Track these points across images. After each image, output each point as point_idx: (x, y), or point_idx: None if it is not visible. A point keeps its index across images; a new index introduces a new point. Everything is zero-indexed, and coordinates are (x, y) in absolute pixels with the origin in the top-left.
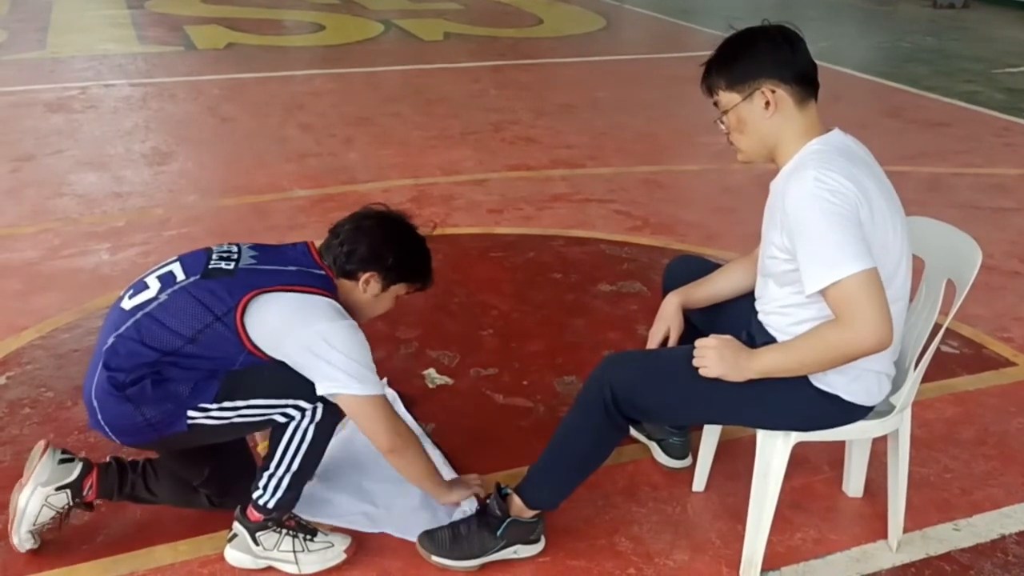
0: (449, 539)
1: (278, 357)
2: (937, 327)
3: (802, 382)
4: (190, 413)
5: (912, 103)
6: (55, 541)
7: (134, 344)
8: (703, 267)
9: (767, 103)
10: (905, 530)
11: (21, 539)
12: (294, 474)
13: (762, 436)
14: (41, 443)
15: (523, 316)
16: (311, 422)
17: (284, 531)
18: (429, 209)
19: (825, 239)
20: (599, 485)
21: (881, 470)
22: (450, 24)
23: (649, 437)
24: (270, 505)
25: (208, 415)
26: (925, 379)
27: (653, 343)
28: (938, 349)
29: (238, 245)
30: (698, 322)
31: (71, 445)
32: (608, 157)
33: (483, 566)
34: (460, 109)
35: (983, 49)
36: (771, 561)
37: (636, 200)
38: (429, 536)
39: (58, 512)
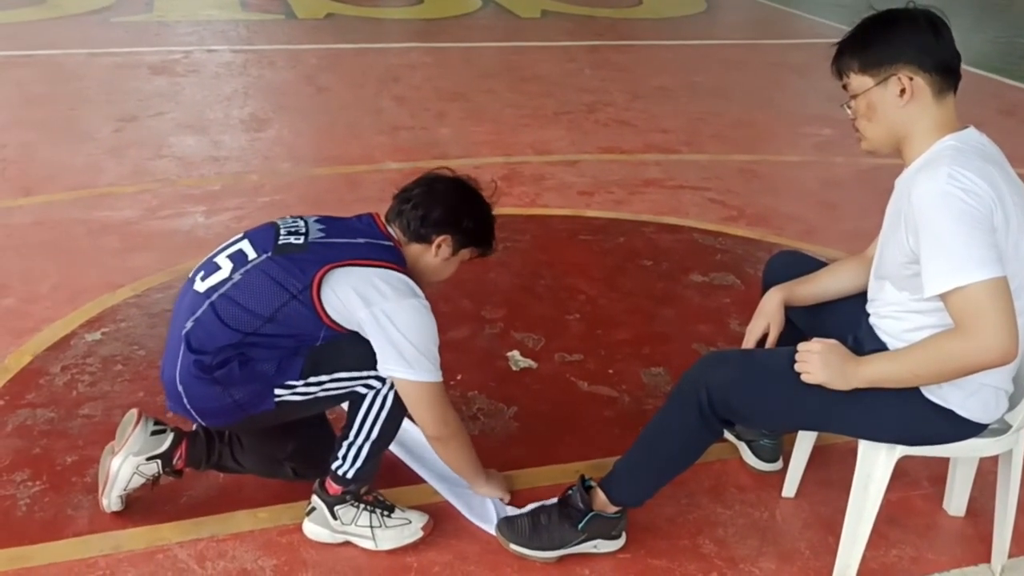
0: (529, 528)
1: (355, 329)
2: None
3: (913, 394)
4: (277, 391)
5: None
6: (140, 499)
7: (214, 327)
8: (807, 264)
9: (902, 90)
10: (1010, 555)
11: (111, 502)
12: (373, 442)
13: (864, 447)
14: (134, 412)
15: (611, 303)
16: (391, 388)
17: (362, 506)
18: (519, 188)
19: (953, 240)
20: (684, 483)
21: (986, 489)
22: (548, 2)
23: (739, 437)
24: (349, 475)
25: (294, 392)
26: None
27: (751, 340)
28: None
29: (303, 218)
30: (799, 322)
31: (159, 405)
32: (704, 143)
33: (561, 558)
34: (554, 88)
35: None
36: None
37: (732, 189)
38: (508, 523)
39: (148, 479)
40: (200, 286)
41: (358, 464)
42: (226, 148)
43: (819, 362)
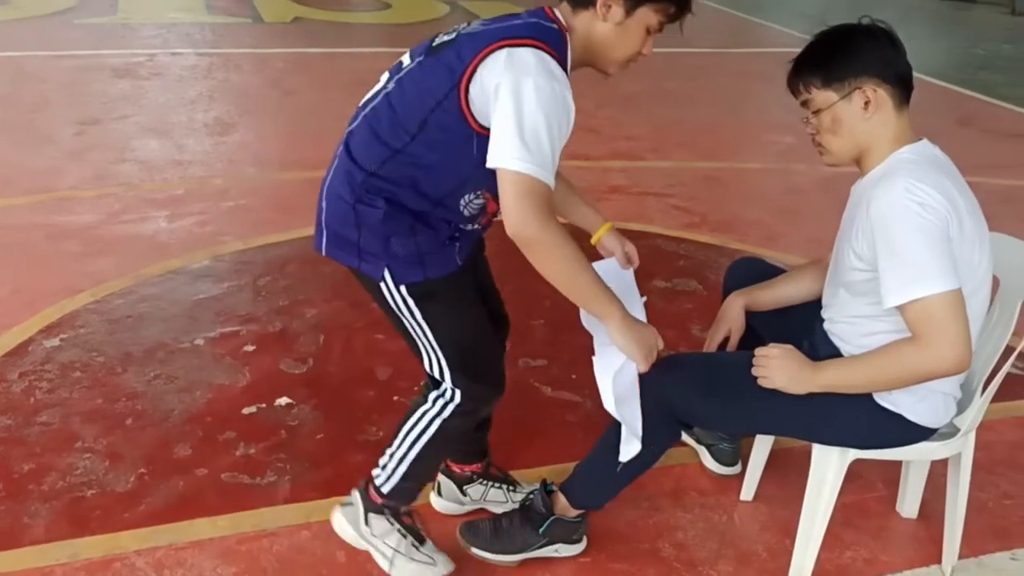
0: (491, 532)
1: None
2: (1008, 349)
3: (865, 399)
4: (386, 273)
5: (985, 112)
6: (99, 507)
7: (368, 137)
8: (767, 271)
9: (866, 103)
10: (960, 556)
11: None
12: (412, 462)
13: (817, 451)
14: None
15: (575, 307)
16: (438, 415)
17: (397, 525)
18: None
19: (911, 253)
20: (645, 487)
21: (937, 492)
22: (515, 8)
23: (699, 441)
24: (384, 489)
25: (393, 293)
26: (990, 400)
27: (712, 345)
28: (1007, 371)
29: (468, 21)
30: (758, 327)
31: (118, 412)
32: (669, 151)
33: (523, 562)
34: None
35: None
36: None
37: (696, 196)
38: (470, 527)
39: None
40: (362, 101)
41: (395, 481)
42: (190, 152)
43: (776, 367)
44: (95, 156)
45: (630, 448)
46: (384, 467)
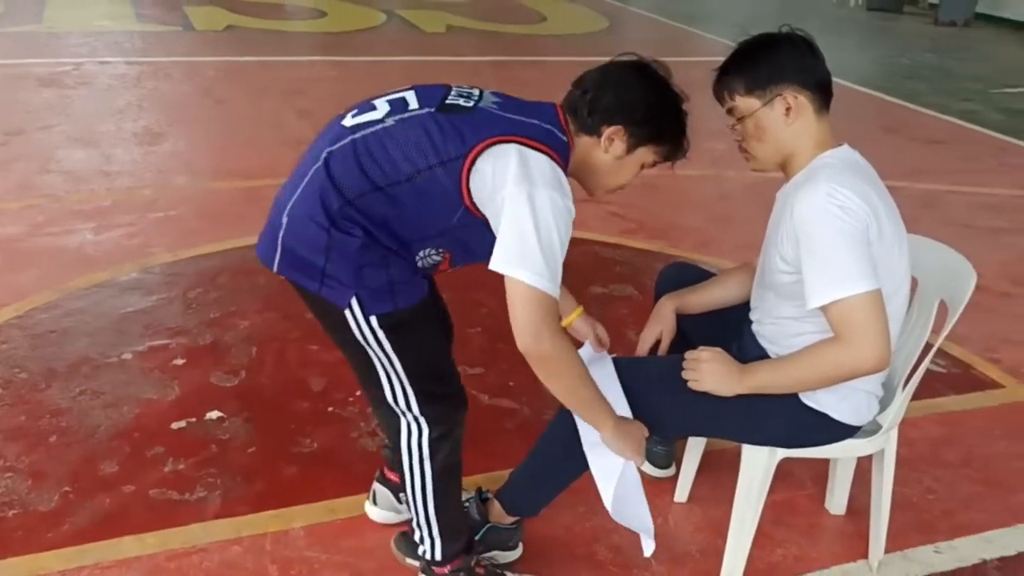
0: None
1: (490, 216)
2: (927, 347)
3: (791, 399)
4: (353, 301)
5: (910, 119)
6: (21, 527)
7: (349, 164)
8: (698, 275)
9: (788, 109)
10: (886, 551)
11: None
12: (439, 521)
13: (747, 451)
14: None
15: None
16: (421, 460)
17: None
18: None
19: (833, 255)
20: (581, 491)
21: (864, 488)
22: (453, 17)
23: None
24: (439, 557)
25: (360, 324)
26: (912, 398)
27: (644, 347)
28: (927, 369)
29: (480, 89)
30: (688, 330)
31: (42, 429)
32: None
33: None
34: None
35: (982, 68)
36: None
37: (633, 203)
38: (404, 537)
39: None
40: (349, 121)
41: (440, 545)
42: (118, 162)
43: (705, 370)
44: (19, 167)
45: (649, 544)
46: (422, 539)
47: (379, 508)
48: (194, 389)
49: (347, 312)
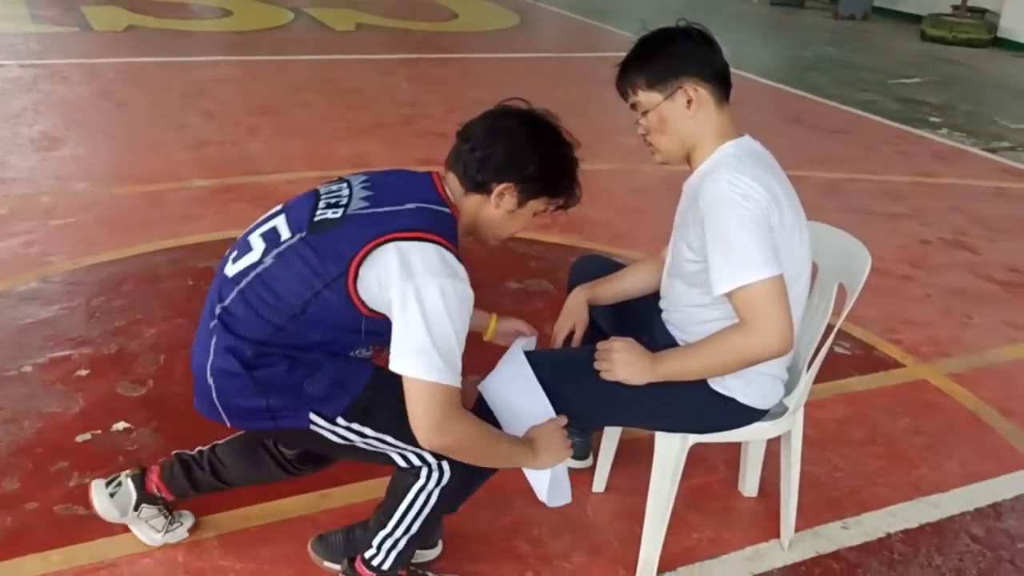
0: (343, 543)
1: (388, 315)
2: (829, 329)
3: (700, 386)
4: (312, 416)
5: (812, 110)
6: None
7: (247, 315)
8: (609, 267)
9: (689, 101)
10: (796, 529)
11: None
12: (412, 536)
13: (659, 438)
14: (90, 485)
15: None
16: (437, 485)
17: None
18: None
19: (736, 243)
20: (499, 487)
21: (776, 469)
22: (362, 15)
23: None
24: (385, 567)
25: (332, 430)
26: (818, 380)
27: (559, 339)
28: (831, 351)
29: (349, 182)
30: (601, 321)
31: None
32: None
33: None
34: (371, 101)
35: (880, 60)
36: (667, 562)
37: None
38: (322, 541)
39: (165, 515)
40: (231, 269)
41: (393, 556)
42: (13, 169)
43: (617, 360)
44: None
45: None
46: (380, 547)
47: (110, 503)
48: (99, 400)
49: (312, 428)
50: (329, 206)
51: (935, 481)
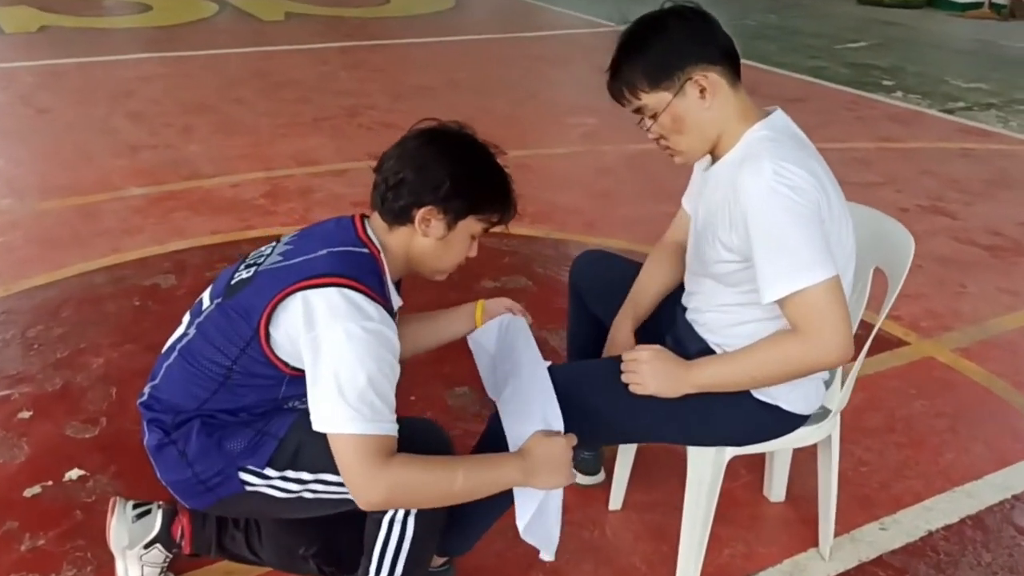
0: None
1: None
2: (867, 325)
3: (741, 394)
4: (244, 476)
5: (766, 80)
6: None
7: (171, 389)
8: (613, 263)
9: (702, 91)
10: (834, 535)
11: None
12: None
13: (693, 453)
14: (112, 501)
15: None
16: (407, 512)
17: None
18: (286, 204)
19: (787, 242)
20: (508, 514)
21: (800, 469)
22: (291, 3)
23: None
24: None
25: (269, 484)
26: None
27: None
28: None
29: (278, 240)
30: (608, 321)
31: None
32: None
33: None
34: (310, 93)
35: (823, 25)
36: None
37: None
38: None
39: (162, 568)
40: (165, 347)
41: None
42: None
43: (648, 372)
44: None
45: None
46: None
47: (130, 527)
48: (47, 446)
49: (247, 489)
50: (247, 267)
51: (965, 468)
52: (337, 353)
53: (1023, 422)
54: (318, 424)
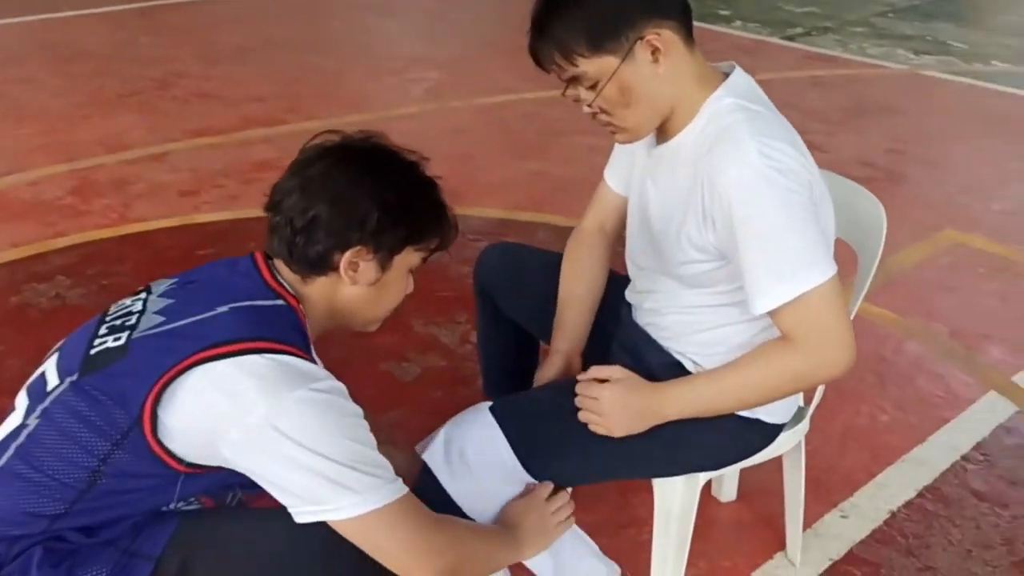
0: None
1: (224, 465)
2: None
3: (723, 416)
4: None
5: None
6: None
7: (5, 507)
8: (524, 255)
9: (654, 52)
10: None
11: None
12: None
13: (659, 484)
14: None
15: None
16: None
17: None
18: (100, 201)
19: (787, 242)
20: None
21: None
22: None
23: None
24: None
25: None
26: None
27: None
28: None
29: (148, 291)
30: (535, 329)
31: None
32: (311, 108)
33: None
34: (110, 64)
35: None
36: None
37: None
38: None
39: None
40: None
41: None
42: None
43: (611, 409)
44: None
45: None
46: None
47: None
48: None
49: None
50: (112, 331)
51: (904, 431)
52: (299, 428)
53: (946, 369)
54: (328, 515)
